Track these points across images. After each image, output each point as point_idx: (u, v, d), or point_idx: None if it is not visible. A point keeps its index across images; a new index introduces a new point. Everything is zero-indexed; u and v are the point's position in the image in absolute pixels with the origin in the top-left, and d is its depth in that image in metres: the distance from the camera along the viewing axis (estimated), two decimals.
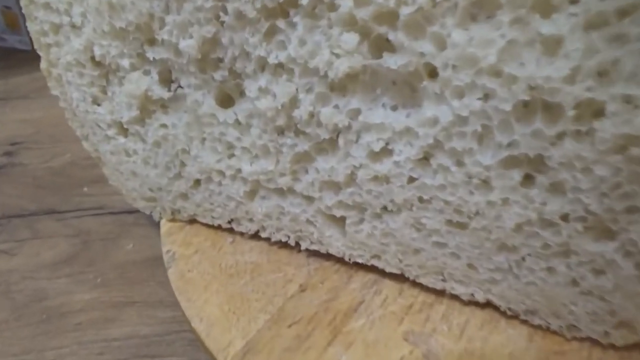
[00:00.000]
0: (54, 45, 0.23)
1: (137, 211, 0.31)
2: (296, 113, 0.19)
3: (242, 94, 0.21)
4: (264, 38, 0.19)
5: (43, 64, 0.24)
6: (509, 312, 0.20)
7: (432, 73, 0.17)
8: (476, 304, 0.21)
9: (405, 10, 0.16)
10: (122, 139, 0.25)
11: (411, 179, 0.19)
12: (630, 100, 0.14)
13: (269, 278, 0.23)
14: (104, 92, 0.24)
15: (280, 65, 0.19)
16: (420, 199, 0.19)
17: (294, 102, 0.19)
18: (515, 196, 0.17)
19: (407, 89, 0.18)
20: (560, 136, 0.15)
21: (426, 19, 0.16)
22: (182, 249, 0.25)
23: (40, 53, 0.24)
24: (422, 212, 0.19)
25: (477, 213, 0.18)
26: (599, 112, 0.14)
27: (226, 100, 0.22)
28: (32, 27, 0.23)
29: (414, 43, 0.16)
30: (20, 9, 0.49)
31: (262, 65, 0.20)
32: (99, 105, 0.24)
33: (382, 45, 0.17)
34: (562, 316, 0.19)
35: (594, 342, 0.19)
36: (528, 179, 0.17)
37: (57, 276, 0.28)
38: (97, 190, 0.35)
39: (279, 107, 0.20)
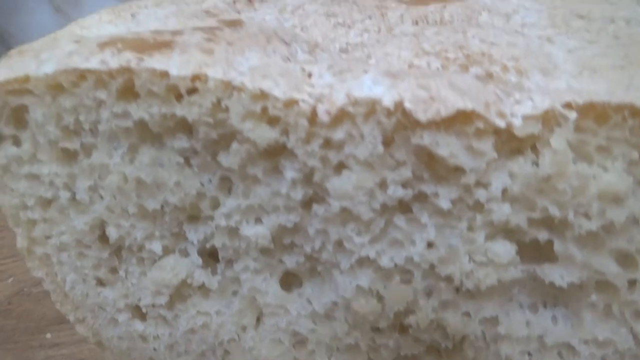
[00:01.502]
0: (40, 222, 0.17)
1: None
2: (411, 319, 0.15)
3: (313, 273, 0.17)
4: (376, 238, 0.14)
5: (21, 243, 0.18)
6: None
7: (604, 287, 0.13)
8: None
9: (586, 225, 0.12)
10: (138, 324, 0.19)
11: None
12: None
13: None
14: (114, 272, 0.18)
15: (394, 268, 0.15)
16: None
17: (409, 307, 0.15)
18: None
19: (556, 291, 0.14)
20: None
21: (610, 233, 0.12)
22: None
23: (17, 230, 0.18)
24: None
25: None
26: None
27: (290, 280, 0.17)
28: (5, 201, 0.17)
29: (590, 257, 0.13)
30: None
31: (364, 262, 0.15)
32: (104, 286, 0.18)
33: (536, 249, 0.14)
34: None
35: None
36: None
37: None
38: (62, 336, 0.28)
39: (386, 311, 0.15)
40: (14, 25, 0.59)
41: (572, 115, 0.12)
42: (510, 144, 0.13)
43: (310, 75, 0.13)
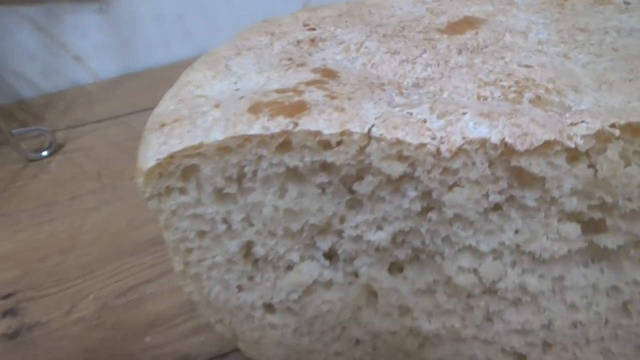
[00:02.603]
0: (196, 249, 0.21)
1: (230, 354, 0.30)
2: (499, 285, 0.21)
3: (417, 262, 0.22)
4: (476, 231, 0.19)
5: (178, 267, 0.22)
6: None
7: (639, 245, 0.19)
8: None
9: (630, 206, 0.18)
10: (269, 317, 0.24)
11: (607, 321, 0.21)
12: None
13: None
14: (252, 280, 0.23)
15: (493, 250, 0.20)
16: (614, 335, 0.22)
17: (499, 277, 0.21)
18: None
19: (610, 254, 0.20)
20: None
21: None
22: None
23: (176, 255, 0.22)
24: (611, 342, 0.22)
25: None
26: None
27: (394, 267, 0.22)
28: (170, 237, 0.21)
29: (631, 227, 0.19)
30: None
31: (465, 249, 0.20)
32: (244, 292, 0.23)
33: (592, 224, 0.19)
34: None
35: None
36: None
37: None
38: (161, 337, 0.32)
39: (482, 282, 0.21)
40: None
41: (617, 132, 0.17)
42: (573, 154, 0.18)
43: (425, 121, 0.18)
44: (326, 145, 0.18)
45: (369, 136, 0.18)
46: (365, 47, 0.24)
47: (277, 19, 0.29)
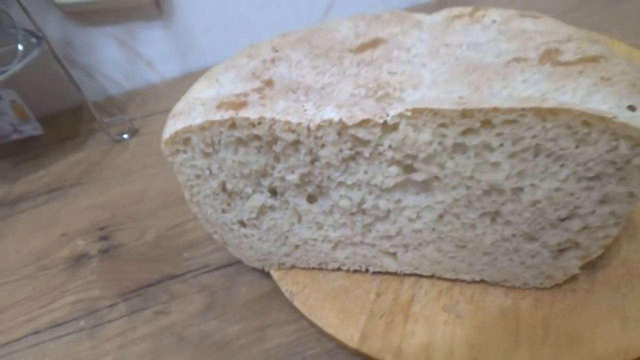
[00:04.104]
0: (195, 186, 0.38)
1: (233, 264, 0.46)
2: (364, 206, 0.35)
3: (322, 195, 0.37)
4: (342, 173, 0.34)
5: (187, 197, 0.38)
6: (493, 283, 0.37)
7: (438, 179, 0.33)
8: (476, 282, 0.38)
9: (421, 155, 0.32)
10: (243, 230, 0.40)
11: (433, 229, 0.35)
12: None
13: (355, 293, 0.39)
14: (229, 205, 0.39)
15: (353, 184, 0.34)
16: (440, 237, 0.35)
17: (362, 200, 0.35)
18: (489, 230, 0.34)
19: (424, 185, 0.34)
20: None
21: (431, 158, 0.32)
22: (294, 287, 0.40)
23: (185, 190, 0.38)
24: (440, 243, 0.36)
25: (470, 240, 0.35)
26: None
27: (313, 199, 0.37)
28: (181, 178, 0.37)
29: (428, 168, 0.32)
30: (23, 98, 0.64)
31: (340, 184, 0.35)
32: (226, 213, 0.39)
33: (409, 168, 0.33)
34: (520, 279, 0.36)
35: (538, 289, 0.36)
36: (494, 220, 0.33)
37: (208, 320, 0.43)
38: (193, 253, 0.49)
39: (353, 204, 0.35)
40: (94, 59, 0.80)
41: (409, 113, 0.31)
42: (387, 126, 0.32)
43: (305, 110, 0.33)
44: (252, 125, 0.33)
45: (274, 119, 0.33)
46: (301, 63, 0.39)
47: (258, 44, 0.44)
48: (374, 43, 0.40)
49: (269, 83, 0.37)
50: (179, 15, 0.80)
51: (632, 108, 0.29)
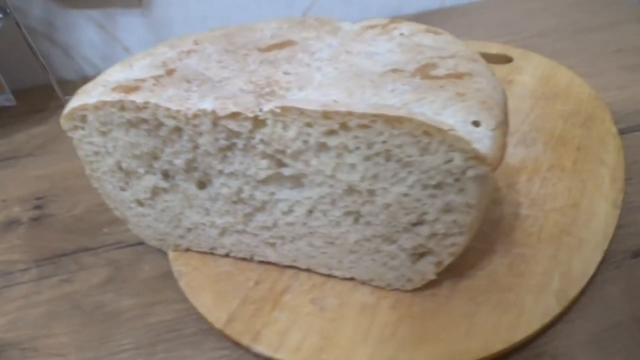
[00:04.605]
0: (94, 162, 0.40)
1: (144, 243, 0.49)
2: (242, 195, 0.37)
3: (209, 182, 0.39)
4: (220, 161, 0.36)
5: (87, 172, 0.41)
6: (362, 282, 0.39)
7: (305, 176, 0.35)
8: (348, 279, 0.39)
9: (289, 151, 0.34)
10: (140, 209, 0.42)
11: (304, 223, 0.37)
12: None
13: (237, 279, 0.41)
14: (127, 184, 0.41)
15: (230, 173, 0.36)
16: (311, 232, 0.37)
17: (240, 190, 0.37)
18: (353, 228, 0.35)
19: (297, 179, 0.36)
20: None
21: (298, 154, 0.34)
22: (184, 268, 0.42)
23: (85, 165, 0.41)
24: (312, 238, 0.38)
25: (337, 238, 0.36)
26: None
27: (201, 185, 0.39)
28: (79, 153, 0.40)
29: (296, 164, 0.34)
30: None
31: (220, 172, 0.37)
32: (124, 191, 0.41)
33: (280, 163, 0.35)
34: (384, 280, 0.38)
35: (401, 291, 0.38)
36: (356, 220, 0.35)
37: (106, 292, 0.45)
38: (113, 230, 0.51)
39: (233, 193, 0.37)
40: (73, 40, 0.84)
41: (278, 110, 0.33)
42: (258, 121, 0.34)
43: (188, 99, 0.35)
44: (138, 108, 0.35)
45: (157, 105, 0.35)
46: (210, 57, 0.41)
47: (185, 36, 0.46)
48: (284, 44, 0.42)
49: (171, 72, 0.39)
50: (158, 5, 0.83)
51: (476, 124, 0.30)
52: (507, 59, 0.67)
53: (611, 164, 0.47)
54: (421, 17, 0.91)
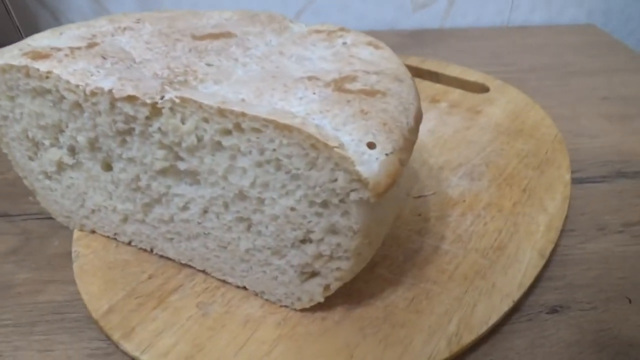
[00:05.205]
0: (2, 127, 0.39)
1: None
2: (140, 183, 0.35)
3: (113, 164, 0.37)
4: (118, 145, 0.34)
5: None
6: (255, 293, 0.37)
7: (199, 173, 0.33)
8: (241, 288, 0.37)
9: (184, 144, 0.32)
10: (47, 182, 0.41)
11: (199, 222, 0.35)
12: None
13: (132, 270, 0.39)
14: (35, 154, 0.39)
15: (129, 159, 0.35)
16: (205, 233, 0.35)
17: (137, 178, 0.35)
18: (244, 236, 0.34)
19: (194, 176, 0.34)
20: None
21: (193, 150, 0.32)
22: (83, 250, 0.41)
23: None
24: (206, 239, 0.36)
25: (229, 243, 0.35)
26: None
27: (107, 167, 0.38)
28: None
29: (191, 159, 0.32)
30: None
31: (119, 156, 0.35)
32: (32, 161, 0.40)
33: (176, 156, 0.33)
34: (274, 294, 0.36)
35: (292, 309, 0.36)
36: (248, 228, 0.33)
37: (8, 262, 0.43)
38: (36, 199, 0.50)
39: (130, 179, 0.36)
40: (63, 4, 0.83)
41: (177, 100, 0.31)
42: (156, 109, 0.32)
43: (92, 75, 0.33)
44: (41, 77, 0.34)
45: (59, 76, 0.33)
46: (142, 38, 0.40)
47: (131, 14, 0.45)
48: (220, 35, 0.40)
49: (92, 45, 0.37)
50: None
51: (371, 145, 0.28)
52: (484, 89, 0.65)
53: (552, 212, 0.44)
54: (416, 35, 0.89)
